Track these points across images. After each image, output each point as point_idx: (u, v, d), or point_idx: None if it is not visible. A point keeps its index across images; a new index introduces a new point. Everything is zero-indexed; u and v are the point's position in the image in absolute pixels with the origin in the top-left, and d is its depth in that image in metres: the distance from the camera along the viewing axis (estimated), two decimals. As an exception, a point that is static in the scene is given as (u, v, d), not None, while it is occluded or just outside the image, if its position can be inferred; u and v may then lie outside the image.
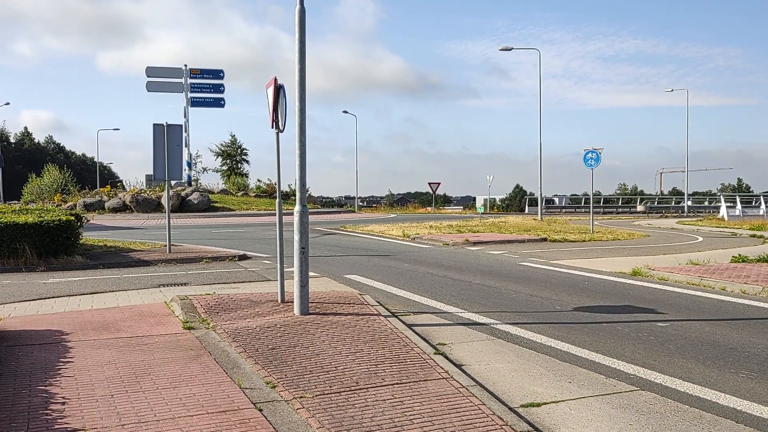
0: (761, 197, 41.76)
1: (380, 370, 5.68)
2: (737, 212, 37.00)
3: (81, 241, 14.30)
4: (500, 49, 35.53)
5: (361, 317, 7.65)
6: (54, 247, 12.76)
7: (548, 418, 4.76)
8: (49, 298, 9.46)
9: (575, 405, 5.03)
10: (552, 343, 6.91)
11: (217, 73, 27.58)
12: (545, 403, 5.06)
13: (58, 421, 4.49)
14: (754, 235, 23.88)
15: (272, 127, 8.45)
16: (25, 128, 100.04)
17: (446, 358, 6.18)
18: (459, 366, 5.97)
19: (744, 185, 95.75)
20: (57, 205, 29.20)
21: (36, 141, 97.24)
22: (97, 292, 9.88)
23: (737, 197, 41.34)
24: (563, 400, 5.13)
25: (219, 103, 28.09)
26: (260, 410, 4.73)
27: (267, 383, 5.33)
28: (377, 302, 8.68)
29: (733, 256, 14.60)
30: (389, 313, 8.00)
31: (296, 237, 7.79)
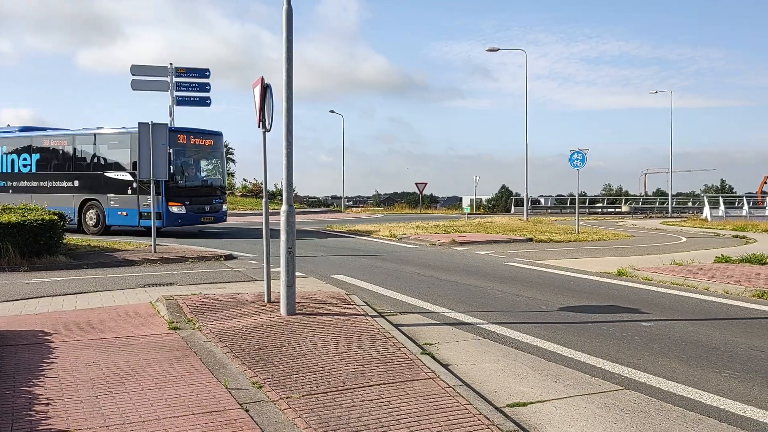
0: (744, 198, 42.22)
1: (367, 370, 5.68)
2: (720, 213, 37.39)
3: (64, 241, 14.17)
4: (487, 50, 35.67)
5: (347, 317, 7.64)
6: (37, 247, 12.63)
7: (534, 418, 4.78)
8: (32, 298, 9.36)
9: (561, 404, 5.06)
10: (538, 342, 6.95)
11: (203, 72, 27.41)
12: (531, 403, 5.09)
13: (42, 422, 4.45)
14: (736, 236, 24.14)
15: (259, 127, 8.43)
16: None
17: (433, 358, 6.20)
18: (446, 366, 5.99)
19: (727, 186, 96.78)
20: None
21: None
22: (81, 293, 9.79)
23: (720, 198, 41.76)
24: (549, 400, 5.16)
25: (205, 102, 27.93)
26: (247, 411, 4.72)
27: (253, 383, 5.32)
28: (364, 302, 8.68)
29: (716, 257, 14.75)
30: (376, 313, 8.00)
31: (283, 237, 7.77)
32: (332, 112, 71.69)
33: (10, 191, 21.43)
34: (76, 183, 20.60)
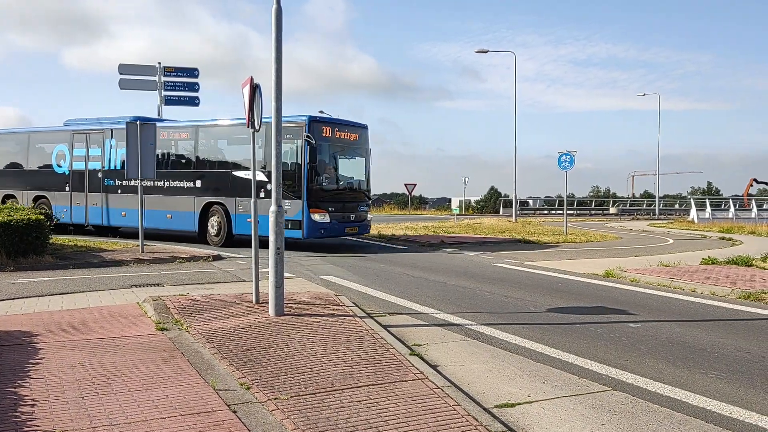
0: (730, 200, 42.60)
1: (356, 371, 5.67)
2: (707, 215, 37.70)
3: (51, 241, 14.04)
4: (476, 51, 35.79)
5: (336, 318, 7.63)
6: (23, 247, 12.51)
7: (522, 419, 4.80)
8: (18, 298, 9.28)
9: (549, 405, 5.08)
10: (526, 343, 6.97)
11: (192, 72, 27.28)
12: (519, 404, 5.10)
13: (28, 423, 4.40)
14: (723, 238, 24.35)
15: (248, 127, 8.40)
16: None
17: (421, 358, 6.20)
18: (434, 367, 5.99)
19: (714, 188, 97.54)
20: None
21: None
22: (68, 293, 9.72)
23: (707, 200, 42.10)
24: (537, 401, 5.18)
25: (194, 101, 27.79)
26: (234, 412, 4.70)
27: (241, 384, 5.29)
28: (353, 303, 8.67)
29: (702, 258, 14.87)
30: (365, 314, 7.99)
31: (271, 237, 7.75)
32: (321, 112, 71.04)
33: (119, 191, 18.71)
34: (198, 183, 17.47)
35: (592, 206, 59.70)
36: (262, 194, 15.36)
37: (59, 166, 20.28)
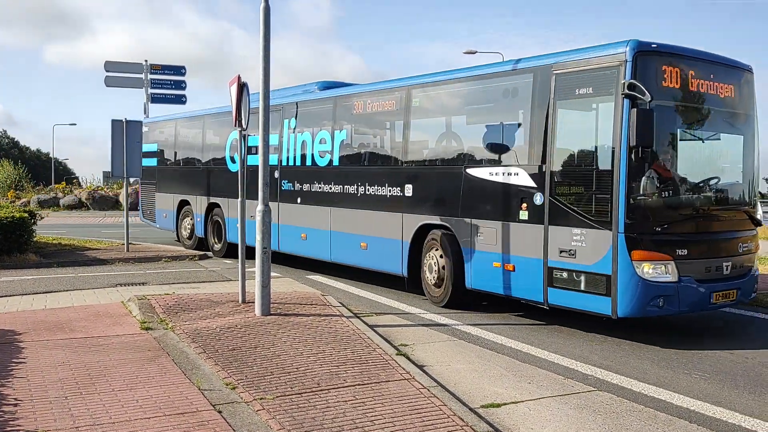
0: None
1: (342, 371, 5.66)
2: None
3: (34, 239, 13.89)
4: (464, 53, 35.79)
5: (323, 318, 7.62)
6: (6, 245, 12.36)
7: (508, 419, 4.81)
8: (1, 297, 9.17)
9: (534, 405, 5.10)
10: (512, 344, 6.99)
11: (179, 70, 27.13)
12: (505, 404, 5.12)
13: (10, 423, 4.36)
14: None
15: (235, 125, 8.38)
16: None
17: (408, 359, 6.20)
18: (421, 367, 5.99)
19: None
20: (11, 202, 28.37)
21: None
22: (51, 292, 9.62)
23: None
24: (522, 401, 5.19)
25: (181, 99, 27.63)
26: (219, 412, 4.67)
27: (227, 384, 5.27)
28: (340, 303, 8.66)
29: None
30: (352, 314, 7.98)
31: (258, 237, 7.72)
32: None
33: (298, 200, 11.87)
34: (409, 191, 9.70)
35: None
36: (524, 213, 7.82)
37: (233, 161, 13.64)
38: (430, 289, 9.25)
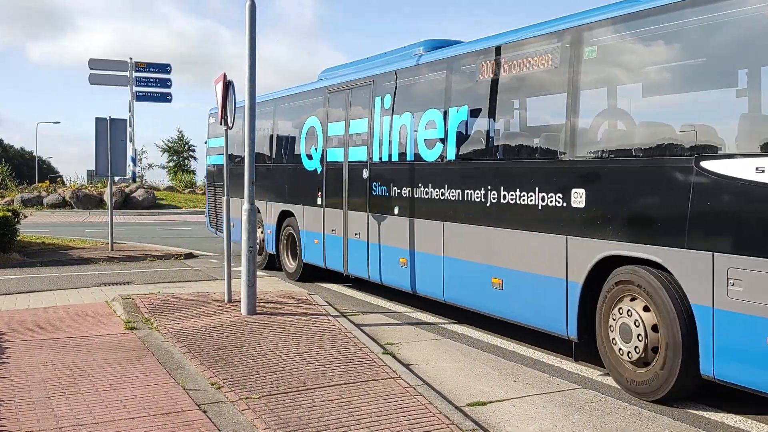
0: None
1: (328, 370, 5.66)
2: None
3: (18, 238, 13.75)
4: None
5: (309, 317, 7.60)
6: (-11, 244, 12.25)
7: (493, 417, 4.83)
8: (-18, 296, 9.07)
9: (519, 403, 5.12)
10: (498, 342, 7.01)
11: (164, 68, 27.02)
12: (491, 402, 5.13)
13: (-9, 425, 4.31)
14: None
15: (221, 124, 8.35)
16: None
17: (394, 357, 6.20)
18: (407, 365, 6.00)
19: None
20: (-7, 201, 28.05)
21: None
22: (35, 291, 9.53)
23: None
24: (508, 399, 5.22)
25: (166, 98, 27.52)
26: (204, 412, 4.65)
27: (212, 384, 5.24)
28: (326, 302, 8.64)
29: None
30: (338, 313, 7.97)
31: (244, 236, 7.70)
32: None
33: (395, 210, 8.35)
34: (581, 199, 5.81)
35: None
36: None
37: (309, 157, 10.30)
38: (620, 365, 5.49)
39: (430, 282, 7.77)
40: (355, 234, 8.97)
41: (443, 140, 7.45)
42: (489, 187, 6.82)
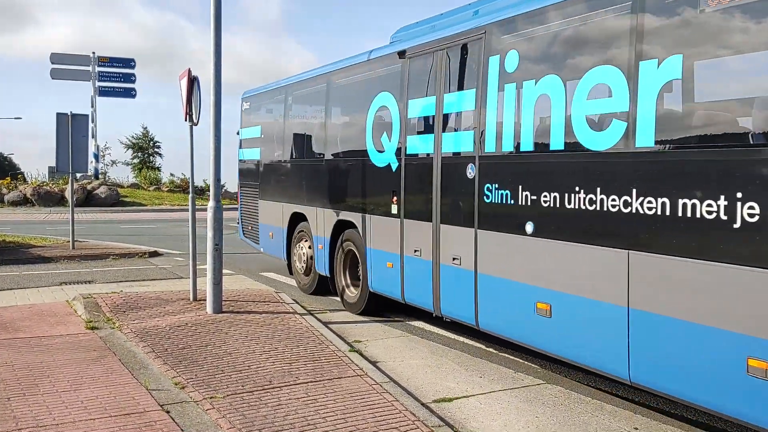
0: None
1: (294, 368, 5.63)
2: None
3: (-25, 236, 13.39)
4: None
5: (276, 315, 7.55)
6: (-56, 243, 11.89)
7: (459, 413, 4.86)
8: (-63, 296, 8.81)
9: (485, 399, 5.16)
10: (464, 339, 7.06)
11: (128, 62, 26.52)
12: (457, 398, 5.17)
13: (-56, 428, 4.18)
14: None
15: (185, 120, 8.22)
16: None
17: (361, 355, 6.20)
18: (374, 363, 6.00)
19: None
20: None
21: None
22: (-7, 291, 9.28)
23: None
24: (474, 395, 5.25)
25: (130, 93, 27.03)
26: (167, 412, 4.59)
27: (176, 384, 5.17)
28: (293, 300, 8.59)
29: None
30: (305, 311, 7.93)
31: (209, 234, 7.61)
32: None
33: (528, 227, 5.34)
34: None
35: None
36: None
37: (378, 149, 7.63)
38: None
39: (598, 347, 4.75)
40: (454, 259, 6.19)
41: (627, 116, 4.54)
42: (732, 194, 3.79)
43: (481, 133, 5.87)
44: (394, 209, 6.98)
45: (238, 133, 12.00)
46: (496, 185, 5.69)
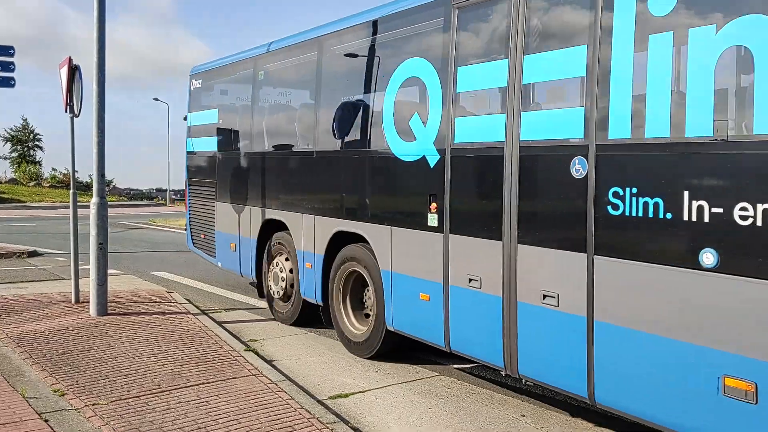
0: None
1: (185, 370, 5.44)
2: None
3: None
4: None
5: (167, 316, 7.27)
6: None
7: (355, 408, 4.88)
8: None
9: (381, 393, 5.21)
10: (361, 334, 7.08)
11: (7, 50, 24.58)
12: (353, 393, 5.18)
13: None
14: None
15: (66, 111, 7.76)
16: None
17: (257, 354, 6.09)
18: (270, 362, 5.91)
19: None
20: None
21: None
22: None
23: None
24: (370, 390, 5.29)
25: (9, 82, 25.06)
26: (46, 421, 4.31)
27: (55, 391, 4.87)
28: (186, 300, 8.32)
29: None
30: (199, 311, 7.70)
31: (93, 232, 7.22)
32: (156, 99, 66.73)
33: (703, 258, 3.32)
34: None
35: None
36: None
37: (406, 136, 5.48)
38: None
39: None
40: (545, 296, 4.23)
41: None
42: None
43: (593, 112, 3.89)
44: (433, 220, 5.10)
45: (185, 119, 10.02)
46: (635, 189, 3.67)
